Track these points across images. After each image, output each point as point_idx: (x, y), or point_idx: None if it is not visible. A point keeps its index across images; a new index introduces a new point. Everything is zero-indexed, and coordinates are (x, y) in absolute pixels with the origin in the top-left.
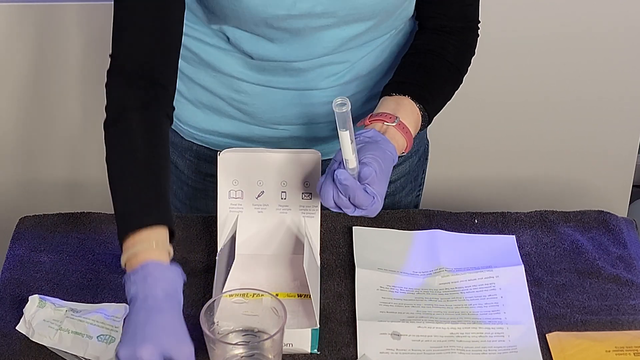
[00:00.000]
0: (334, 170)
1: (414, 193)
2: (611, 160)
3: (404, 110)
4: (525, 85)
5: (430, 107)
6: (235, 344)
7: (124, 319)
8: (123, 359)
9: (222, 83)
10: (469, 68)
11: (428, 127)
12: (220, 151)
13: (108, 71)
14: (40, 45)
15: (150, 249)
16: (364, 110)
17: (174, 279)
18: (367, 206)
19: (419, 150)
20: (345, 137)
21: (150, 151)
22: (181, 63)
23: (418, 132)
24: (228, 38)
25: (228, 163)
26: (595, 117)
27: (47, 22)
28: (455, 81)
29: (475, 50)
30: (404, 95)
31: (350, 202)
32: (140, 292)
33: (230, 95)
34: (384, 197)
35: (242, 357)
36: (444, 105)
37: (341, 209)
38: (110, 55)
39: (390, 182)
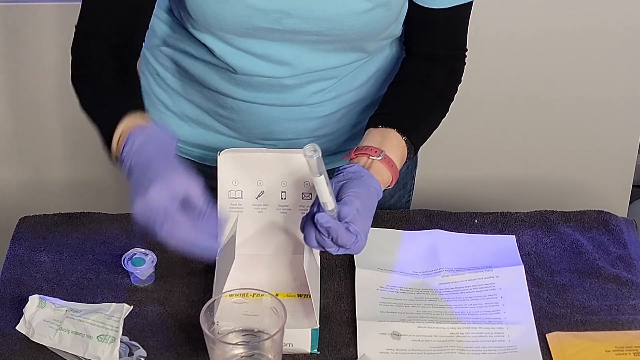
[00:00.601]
0: (314, 214)
1: (404, 199)
2: (611, 160)
3: (390, 143)
4: (525, 86)
5: (416, 139)
6: (235, 344)
7: (122, 318)
8: (139, 212)
9: (208, 98)
10: (454, 96)
11: None
12: (221, 151)
13: (76, 28)
14: (40, 45)
15: (129, 123)
16: (351, 128)
17: (161, 135)
18: (350, 245)
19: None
20: (321, 182)
21: (120, 74)
22: (168, 76)
23: (410, 151)
24: (213, 51)
25: (228, 163)
26: (595, 117)
27: (47, 21)
28: (441, 111)
29: (462, 79)
30: (390, 127)
31: (333, 243)
32: (133, 155)
33: (216, 110)
34: (367, 234)
35: (242, 357)
36: (430, 135)
37: (324, 249)
38: (79, 13)
39: None
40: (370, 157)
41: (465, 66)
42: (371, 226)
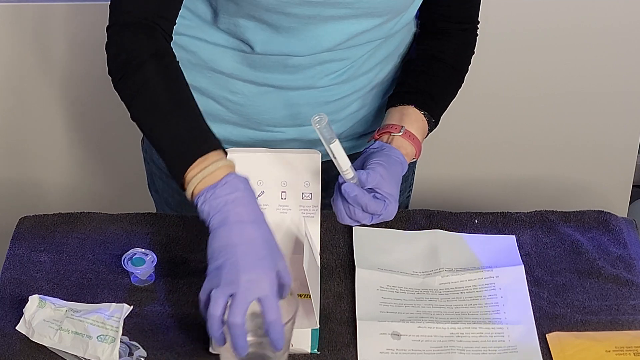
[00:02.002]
0: (340, 186)
1: (404, 194)
2: (611, 160)
3: (409, 119)
4: (525, 85)
5: (434, 112)
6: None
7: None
8: (209, 298)
9: (217, 84)
10: (469, 67)
11: None
12: None
13: (108, 27)
14: (40, 45)
15: (222, 166)
16: (360, 113)
17: (243, 193)
18: (381, 211)
19: None
20: (337, 147)
21: (178, 91)
22: None
23: (426, 136)
24: (233, 28)
25: None
26: (595, 117)
27: (47, 21)
28: (456, 82)
29: (475, 49)
30: (408, 104)
31: (363, 211)
32: (215, 212)
33: (225, 96)
34: (397, 198)
35: (250, 344)
36: (447, 106)
37: (359, 222)
38: (110, 10)
39: None
40: (392, 134)
41: (477, 37)
42: (371, 226)
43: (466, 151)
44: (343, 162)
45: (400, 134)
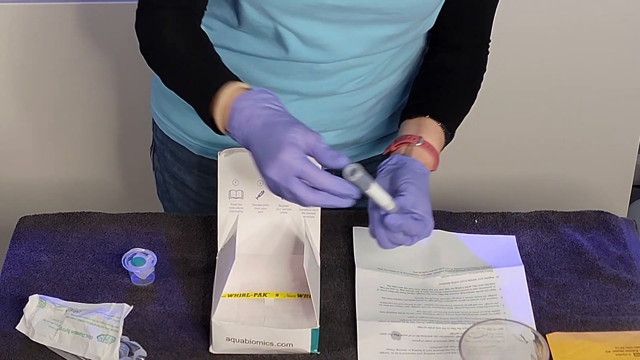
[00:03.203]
0: (381, 218)
1: None
2: (611, 160)
3: (427, 129)
4: (525, 85)
5: (450, 124)
6: None
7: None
8: (274, 177)
9: None
10: (481, 84)
11: None
12: (221, 151)
13: (136, 12)
14: (39, 45)
15: (229, 95)
16: (378, 118)
17: (264, 95)
18: (421, 231)
19: None
20: (375, 191)
21: (197, 43)
22: None
23: (447, 137)
24: (268, 33)
25: (228, 163)
26: (595, 117)
27: (46, 21)
28: (470, 96)
29: (486, 67)
30: (425, 115)
31: (405, 235)
32: (246, 124)
33: None
34: (431, 214)
35: None
36: (462, 119)
37: (401, 244)
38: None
39: None
40: (410, 144)
41: (488, 56)
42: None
43: (466, 151)
44: (383, 200)
45: (419, 144)
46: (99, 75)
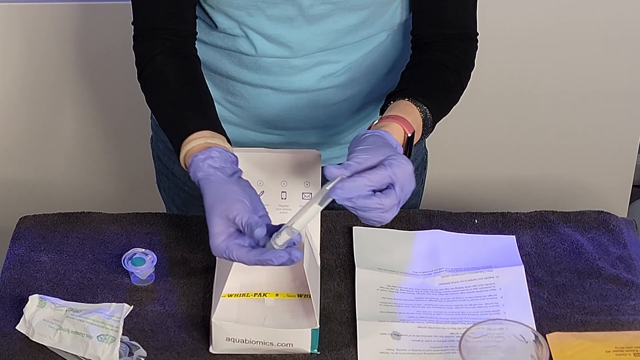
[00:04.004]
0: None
1: (411, 202)
2: (611, 160)
3: (398, 107)
4: (525, 86)
5: (428, 102)
6: None
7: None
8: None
9: (217, 85)
10: (468, 80)
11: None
12: None
13: (133, 37)
14: (39, 45)
15: (193, 146)
16: (360, 118)
17: (220, 156)
18: (383, 178)
19: (416, 160)
20: (306, 217)
21: (186, 78)
22: None
23: (425, 129)
24: (225, 31)
25: None
26: (595, 117)
27: (47, 21)
28: (457, 89)
29: (474, 62)
30: (403, 99)
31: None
32: (198, 180)
33: (226, 97)
34: (398, 160)
35: None
36: (446, 107)
37: (382, 207)
38: (132, 23)
39: None
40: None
41: (477, 50)
42: (372, 226)
43: (466, 151)
44: (303, 220)
45: (377, 120)
46: (99, 75)
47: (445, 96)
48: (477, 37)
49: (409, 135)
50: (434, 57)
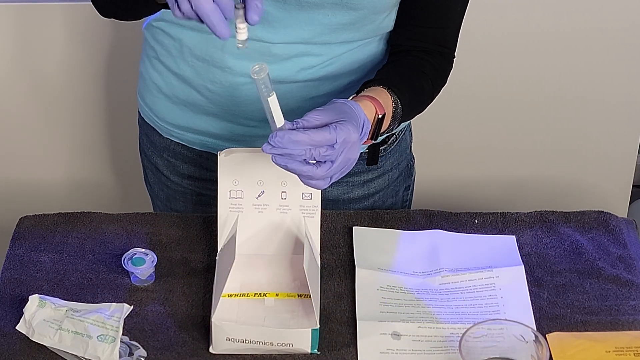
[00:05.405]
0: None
1: (406, 192)
2: (611, 160)
3: (373, 91)
4: (525, 85)
5: (401, 95)
6: None
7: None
8: None
9: (199, 73)
10: (439, 90)
11: (426, 130)
12: (221, 151)
13: None
14: (39, 45)
15: None
16: None
17: None
18: (326, 136)
19: (400, 165)
20: (273, 102)
21: None
22: (163, 53)
23: (392, 120)
24: None
25: (228, 163)
26: (595, 117)
27: (46, 21)
28: (428, 97)
29: (447, 80)
30: (379, 86)
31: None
32: None
33: (206, 85)
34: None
35: None
36: (412, 109)
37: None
38: None
39: (369, 196)
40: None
41: (451, 70)
42: (372, 226)
43: (466, 151)
44: (277, 118)
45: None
46: (99, 75)
47: (418, 98)
48: (454, 59)
49: (380, 116)
50: (413, 62)
